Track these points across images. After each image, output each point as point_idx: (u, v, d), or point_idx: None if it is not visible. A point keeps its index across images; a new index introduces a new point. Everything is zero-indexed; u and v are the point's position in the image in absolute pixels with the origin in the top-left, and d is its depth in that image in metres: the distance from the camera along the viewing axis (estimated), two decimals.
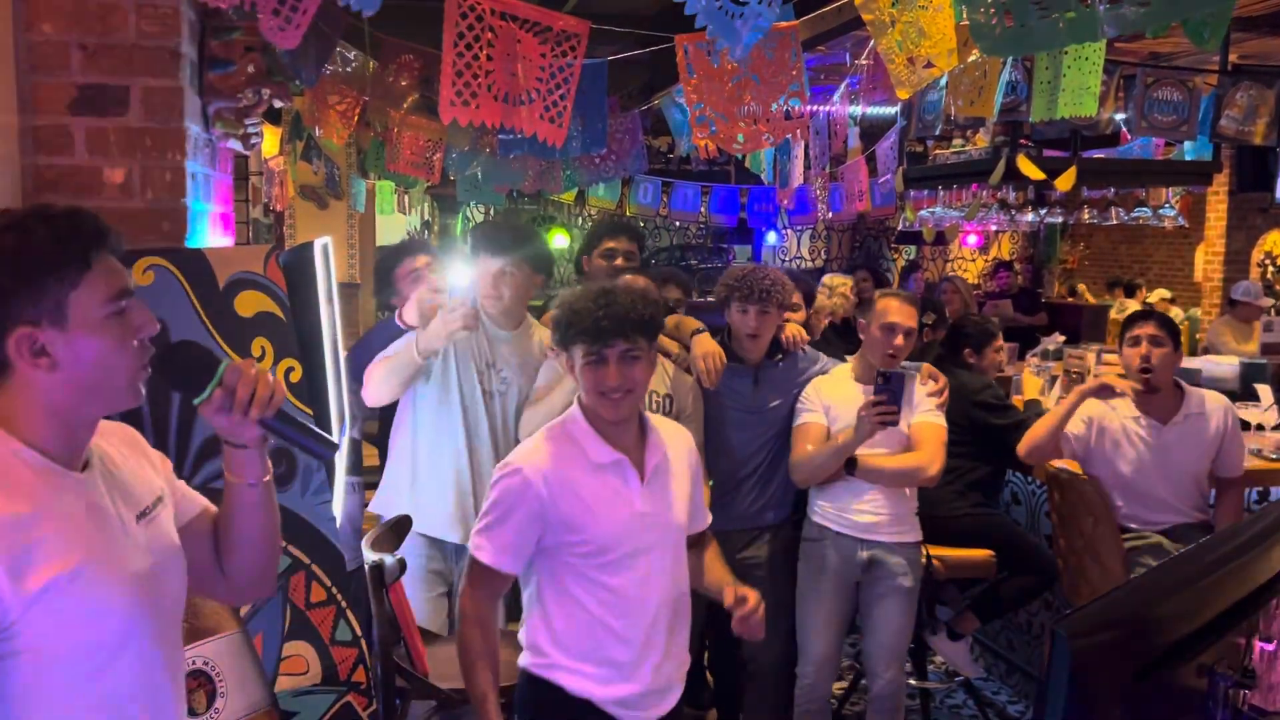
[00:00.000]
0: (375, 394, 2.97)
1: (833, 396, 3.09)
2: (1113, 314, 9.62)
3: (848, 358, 3.28)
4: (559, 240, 11.99)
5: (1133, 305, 9.50)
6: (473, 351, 3.03)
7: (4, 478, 1.23)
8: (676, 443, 2.21)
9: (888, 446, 3.05)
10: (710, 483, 3.05)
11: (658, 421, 2.22)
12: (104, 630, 1.27)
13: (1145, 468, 3.27)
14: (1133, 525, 3.37)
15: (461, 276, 2.95)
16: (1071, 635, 0.78)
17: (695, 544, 2.27)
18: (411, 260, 3.57)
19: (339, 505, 2.97)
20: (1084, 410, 3.31)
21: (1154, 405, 3.29)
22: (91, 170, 2.31)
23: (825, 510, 3.14)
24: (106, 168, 2.32)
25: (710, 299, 3.74)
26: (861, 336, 3.16)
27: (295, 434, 1.47)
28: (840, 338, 5.41)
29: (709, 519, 2.33)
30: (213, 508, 1.56)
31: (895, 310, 3.05)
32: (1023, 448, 3.36)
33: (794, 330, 3.25)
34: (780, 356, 3.20)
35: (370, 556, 2.62)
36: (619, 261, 3.43)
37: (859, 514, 3.08)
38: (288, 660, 2.24)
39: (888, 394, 2.76)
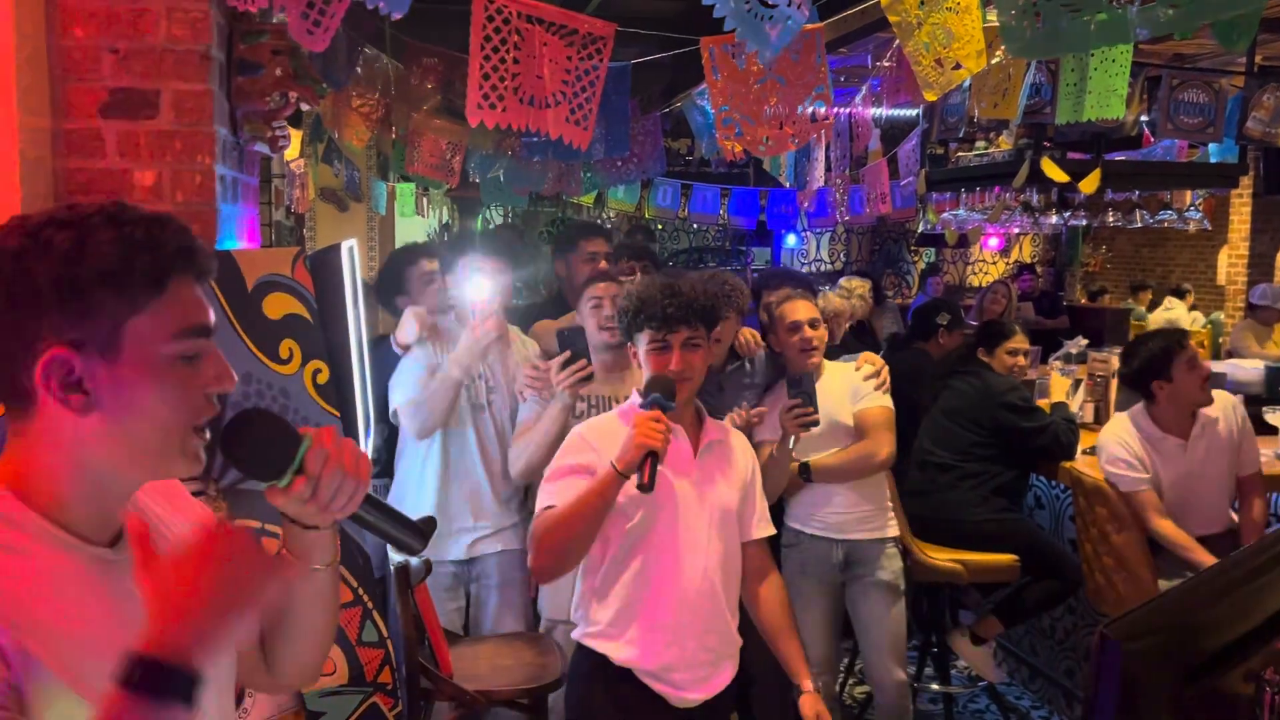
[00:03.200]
0: (424, 428, 3.00)
1: None
2: (1144, 317, 9.53)
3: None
4: None
5: (1179, 307, 9.36)
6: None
7: (11, 569, 0.95)
8: (739, 445, 2.34)
9: (837, 444, 3.07)
10: None
11: (723, 429, 2.33)
12: None
13: (1180, 484, 3.31)
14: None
15: (479, 288, 2.98)
16: (1122, 639, 0.77)
17: (759, 571, 2.30)
18: (428, 261, 3.60)
19: None
20: (1127, 447, 3.29)
21: (1172, 424, 3.32)
22: (122, 173, 2.33)
23: (797, 514, 3.18)
24: (136, 170, 2.33)
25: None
26: (775, 349, 3.16)
27: (384, 524, 1.18)
28: (860, 340, 5.39)
29: (770, 530, 2.34)
30: None
31: (791, 309, 3.07)
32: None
33: (748, 335, 3.25)
34: (736, 364, 3.20)
35: (396, 558, 2.63)
36: (601, 264, 3.50)
37: (829, 514, 3.12)
38: None
39: (801, 396, 2.74)
